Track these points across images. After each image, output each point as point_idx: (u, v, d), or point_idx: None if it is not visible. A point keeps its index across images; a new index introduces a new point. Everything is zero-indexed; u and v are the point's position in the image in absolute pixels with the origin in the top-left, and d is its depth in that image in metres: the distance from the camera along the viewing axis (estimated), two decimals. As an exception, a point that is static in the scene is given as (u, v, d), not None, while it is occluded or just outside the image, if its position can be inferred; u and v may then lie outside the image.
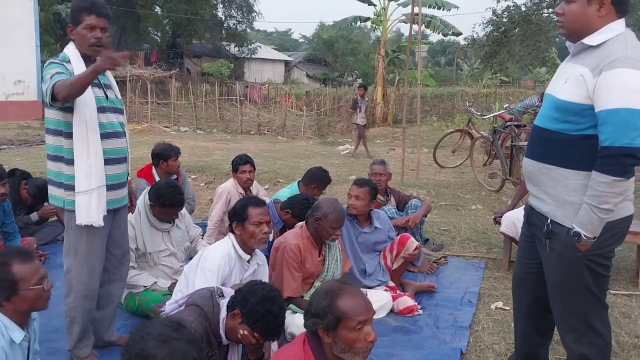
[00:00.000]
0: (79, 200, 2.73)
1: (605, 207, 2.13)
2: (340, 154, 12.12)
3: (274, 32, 64.60)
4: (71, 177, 2.74)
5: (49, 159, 2.84)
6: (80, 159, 2.71)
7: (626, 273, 4.61)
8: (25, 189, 4.95)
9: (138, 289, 3.60)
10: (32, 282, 2.13)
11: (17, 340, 2.14)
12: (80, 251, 2.84)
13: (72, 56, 2.75)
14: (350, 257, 3.89)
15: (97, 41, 2.76)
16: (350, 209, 3.99)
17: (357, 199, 3.98)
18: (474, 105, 12.75)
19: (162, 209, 3.62)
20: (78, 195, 2.72)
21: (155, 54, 31.00)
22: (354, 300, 2.07)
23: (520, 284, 2.67)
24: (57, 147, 2.78)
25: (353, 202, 3.99)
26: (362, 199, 3.97)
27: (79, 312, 2.89)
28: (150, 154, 5.21)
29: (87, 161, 2.71)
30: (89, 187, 2.72)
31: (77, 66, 2.72)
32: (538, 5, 14.32)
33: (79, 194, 2.72)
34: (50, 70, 2.66)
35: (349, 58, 40.47)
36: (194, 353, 1.73)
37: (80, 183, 2.72)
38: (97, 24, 2.75)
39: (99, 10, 2.75)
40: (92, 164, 2.72)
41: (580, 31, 2.25)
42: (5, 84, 16.73)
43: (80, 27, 2.74)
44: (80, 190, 2.72)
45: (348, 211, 3.95)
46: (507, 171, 7.39)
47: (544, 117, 2.39)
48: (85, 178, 2.71)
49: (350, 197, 4.02)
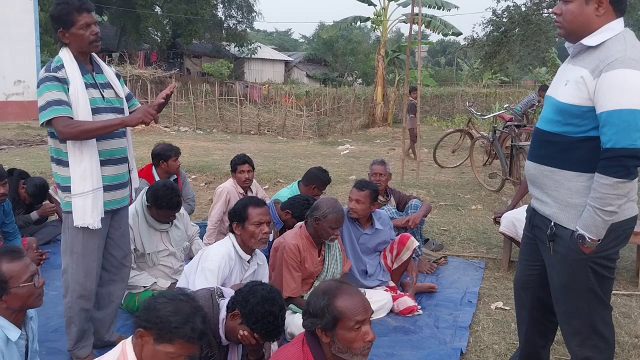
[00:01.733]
0: (75, 202, 2.74)
1: (608, 209, 2.13)
2: (340, 154, 12.11)
3: (274, 32, 64.72)
4: (67, 179, 2.76)
5: (55, 162, 2.86)
6: (73, 162, 2.72)
7: (626, 273, 4.61)
8: (23, 189, 4.96)
9: (138, 289, 3.60)
10: (22, 279, 2.15)
11: (13, 338, 2.14)
12: (76, 251, 2.84)
13: (66, 60, 2.74)
14: (350, 258, 3.89)
15: (97, 37, 2.77)
16: (351, 213, 3.95)
17: (358, 202, 3.91)
18: (474, 105, 12.73)
19: (159, 210, 3.62)
20: (74, 197, 2.74)
21: (155, 54, 31.00)
22: (351, 300, 2.07)
23: (523, 286, 2.66)
24: (56, 150, 2.80)
25: (354, 206, 3.93)
26: (363, 202, 3.91)
27: (76, 312, 2.89)
28: (150, 154, 5.21)
29: (81, 164, 2.72)
30: (83, 189, 2.73)
31: (70, 71, 2.72)
32: (538, 5, 14.33)
33: (75, 196, 2.73)
34: (46, 92, 2.65)
35: (349, 58, 40.47)
36: (197, 318, 1.88)
37: (75, 186, 2.73)
38: (90, 21, 2.74)
39: (88, 6, 2.74)
40: (86, 167, 2.72)
41: (579, 31, 2.24)
42: (5, 84, 16.73)
43: (75, 28, 2.72)
44: (76, 193, 2.73)
45: (349, 214, 3.95)
46: (507, 171, 7.39)
47: (546, 120, 2.38)
48: (79, 181, 2.72)
49: (351, 200, 3.95)
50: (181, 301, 1.91)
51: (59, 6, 2.73)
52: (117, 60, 21.92)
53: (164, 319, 1.85)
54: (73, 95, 2.70)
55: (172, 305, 1.88)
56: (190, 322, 1.86)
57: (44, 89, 2.66)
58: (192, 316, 1.87)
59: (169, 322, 1.84)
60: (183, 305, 1.90)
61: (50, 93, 2.65)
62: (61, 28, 2.73)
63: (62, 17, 2.72)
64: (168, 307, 1.87)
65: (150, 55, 30.83)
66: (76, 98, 2.70)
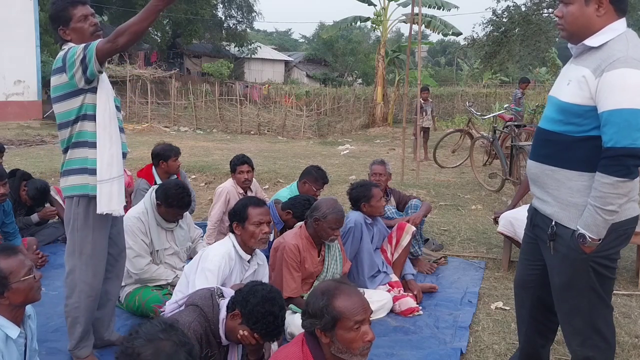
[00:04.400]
0: (101, 188, 2.70)
1: (609, 208, 2.13)
2: (340, 154, 12.12)
3: (274, 32, 64.68)
4: (96, 162, 2.71)
5: (70, 148, 2.76)
6: (103, 147, 2.70)
7: (626, 273, 4.61)
8: (24, 190, 4.95)
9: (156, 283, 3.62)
10: (21, 274, 2.16)
11: (13, 336, 2.15)
12: (85, 252, 2.82)
13: None
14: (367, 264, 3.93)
15: (96, 27, 2.78)
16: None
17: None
18: (474, 105, 12.74)
19: (168, 209, 3.63)
20: (100, 183, 2.70)
21: (155, 54, 30.99)
22: (350, 300, 2.07)
23: (523, 285, 2.66)
24: (79, 133, 2.73)
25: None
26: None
27: (82, 313, 2.88)
28: (150, 154, 5.21)
29: (110, 149, 2.70)
30: (110, 175, 2.71)
31: None
32: (538, 5, 14.33)
33: (102, 182, 2.70)
34: (76, 50, 2.63)
35: (349, 58, 40.46)
36: (181, 355, 1.72)
37: (102, 171, 2.70)
38: (87, 12, 2.75)
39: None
40: (115, 152, 2.72)
41: (581, 32, 2.24)
42: (5, 84, 16.74)
43: (73, 22, 2.73)
44: (103, 179, 2.70)
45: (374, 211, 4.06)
46: (507, 171, 7.39)
47: (548, 119, 2.38)
48: (107, 166, 2.70)
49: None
50: (161, 340, 1.72)
51: (54, 5, 2.75)
52: (117, 60, 21.90)
53: None
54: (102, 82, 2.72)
55: (151, 347, 1.70)
56: None
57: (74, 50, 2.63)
58: (175, 355, 1.71)
59: None
60: (164, 344, 1.72)
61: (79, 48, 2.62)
62: (61, 26, 2.74)
63: (59, 15, 2.74)
64: (148, 350, 1.69)
65: (150, 55, 30.83)
66: (105, 85, 2.71)
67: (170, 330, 1.78)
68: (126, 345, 1.73)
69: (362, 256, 3.94)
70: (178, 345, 1.73)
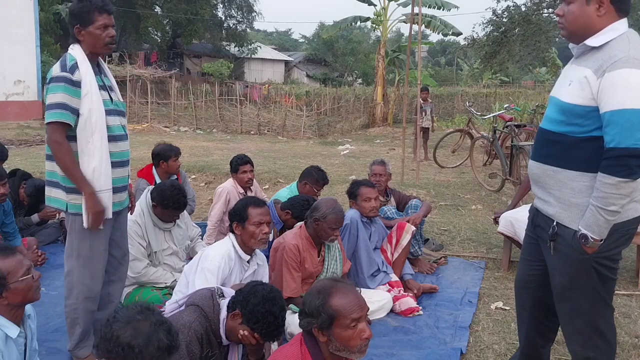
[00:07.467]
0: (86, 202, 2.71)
1: (611, 208, 2.12)
2: (340, 154, 12.11)
3: (274, 32, 64.62)
4: (65, 179, 2.73)
5: (48, 159, 2.81)
6: (84, 162, 2.70)
7: (626, 273, 4.61)
8: (23, 189, 4.94)
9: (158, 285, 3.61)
10: (20, 273, 2.16)
11: (13, 335, 2.15)
12: (82, 254, 2.82)
13: (80, 60, 2.71)
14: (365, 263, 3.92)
15: (112, 39, 2.76)
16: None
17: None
18: (474, 105, 12.75)
19: (164, 210, 3.62)
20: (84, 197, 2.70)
21: (155, 54, 31.00)
22: (346, 298, 2.07)
23: (524, 286, 2.66)
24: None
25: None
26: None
27: (81, 314, 2.88)
28: (150, 154, 5.21)
29: (91, 164, 2.70)
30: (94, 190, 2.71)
31: (84, 70, 2.70)
32: (538, 5, 14.32)
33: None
34: (56, 92, 2.64)
35: (349, 58, 40.45)
36: (159, 334, 1.75)
37: None
38: (109, 23, 2.73)
39: (110, 8, 2.73)
40: (96, 167, 2.70)
41: (581, 32, 2.24)
42: (5, 84, 16.73)
43: (93, 27, 2.70)
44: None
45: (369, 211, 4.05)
46: (507, 171, 7.39)
47: (549, 119, 2.38)
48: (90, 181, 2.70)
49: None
50: (138, 321, 1.76)
51: (81, 3, 2.71)
52: (117, 60, 21.91)
53: (125, 347, 1.72)
54: (87, 96, 2.69)
55: (130, 328, 1.74)
56: (153, 340, 1.73)
57: (56, 88, 2.65)
58: (154, 334, 1.74)
59: (131, 348, 1.72)
60: (141, 325, 1.75)
61: (59, 95, 2.63)
62: (78, 25, 2.72)
63: (82, 14, 2.71)
64: (126, 332, 1.73)
65: (150, 55, 30.84)
66: (90, 99, 2.69)
67: (146, 311, 1.81)
68: (105, 331, 1.76)
69: (359, 254, 3.94)
70: (156, 325, 1.77)
